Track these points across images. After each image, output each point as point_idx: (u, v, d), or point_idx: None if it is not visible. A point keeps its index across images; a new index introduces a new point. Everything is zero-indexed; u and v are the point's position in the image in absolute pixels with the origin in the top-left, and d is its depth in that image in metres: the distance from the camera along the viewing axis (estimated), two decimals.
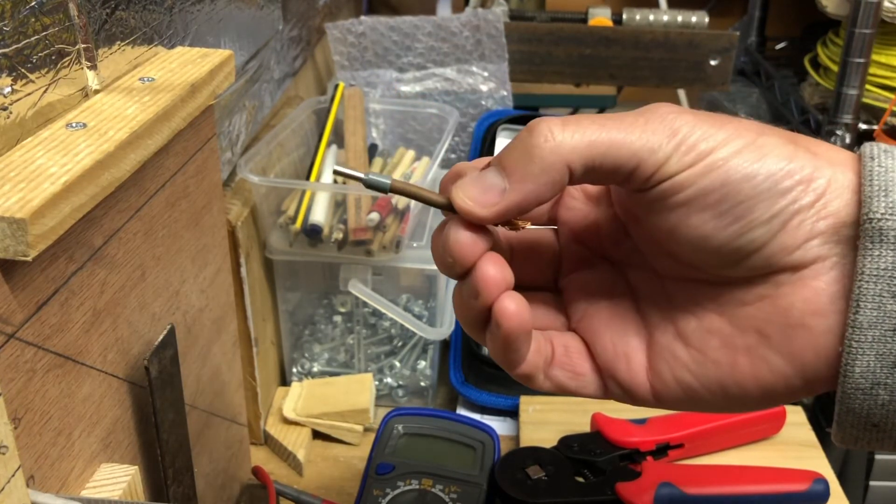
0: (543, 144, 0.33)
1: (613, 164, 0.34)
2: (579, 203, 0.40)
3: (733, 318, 0.36)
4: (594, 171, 0.34)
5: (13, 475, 0.34)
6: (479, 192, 0.34)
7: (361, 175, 0.36)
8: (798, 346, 0.34)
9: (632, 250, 0.39)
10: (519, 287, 0.36)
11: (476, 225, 0.35)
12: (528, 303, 0.35)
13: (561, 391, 0.39)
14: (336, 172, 0.37)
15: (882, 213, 0.31)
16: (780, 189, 0.33)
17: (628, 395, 0.39)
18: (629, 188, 0.35)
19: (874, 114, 1.14)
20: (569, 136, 0.33)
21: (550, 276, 0.42)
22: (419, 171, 0.86)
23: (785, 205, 0.33)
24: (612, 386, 0.39)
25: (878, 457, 1.15)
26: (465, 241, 0.35)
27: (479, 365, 0.83)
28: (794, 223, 0.33)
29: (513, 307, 0.34)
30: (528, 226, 0.37)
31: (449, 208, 0.36)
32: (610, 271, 0.41)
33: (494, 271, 0.34)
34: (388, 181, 0.36)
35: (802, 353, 0.34)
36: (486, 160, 0.36)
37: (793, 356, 0.34)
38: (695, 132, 0.34)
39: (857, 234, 0.32)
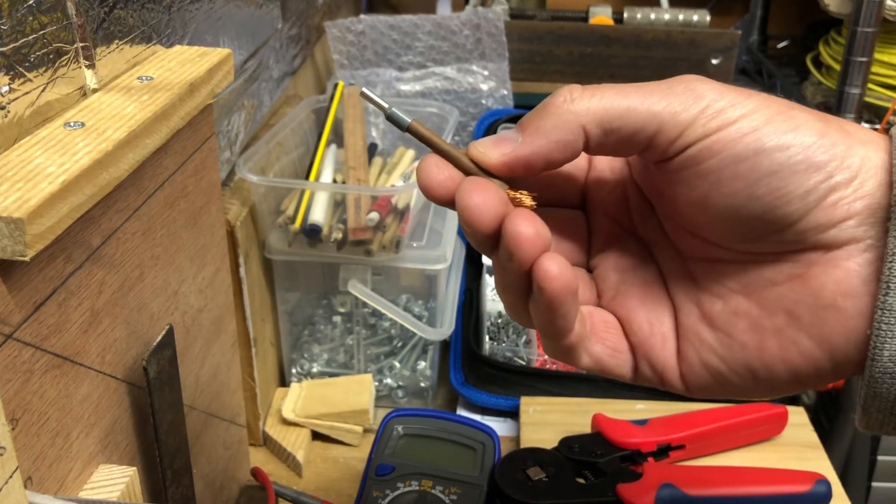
0: (560, 104, 0.34)
1: (633, 128, 0.33)
2: (608, 177, 0.40)
3: (761, 299, 0.35)
4: (612, 135, 0.34)
5: (11, 476, 0.34)
6: (493, 142, 0.35)
7: (385, 105, 0.36)
8: (828, 327, 0.33)
9: (657, 228, 0.39)
10: None
11: (491, 191, 0.34)
12: None
13: (598, 368, 0.38)
14: (363, 94, 0.37)
15: None
16: (816, 163, 0.32)
17: (658, 377, 0.38)
18: (652, 158, 0.35)
19: (876, 113, 1.14)
20: (587, 98, 0.33)
21: (582, 255, 0.41)
22: (414, 168, 0.86)
23: (820, 179, 0.32)
24: (643, 367, 0.38)
25: (880, 458, 1.15)
26: (477, 201, 0.33)
27: (480, 365, 0.83)
28: (831, 200, 0.32)
29: (555, 268, 0.32)
30: (532, 202, 0.35)
31: (465, 165, 0.35)
32: (641, 249, 0.40)
33: (526, 227, 0.32)
34: (409, 120, 0.36)
35: (832, 336, 0.33)
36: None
37: (822, 338, 0.33)
38: (722, 99, 0.33)
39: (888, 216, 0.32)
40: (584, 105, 0.33)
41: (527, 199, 0.35)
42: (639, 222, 0.40)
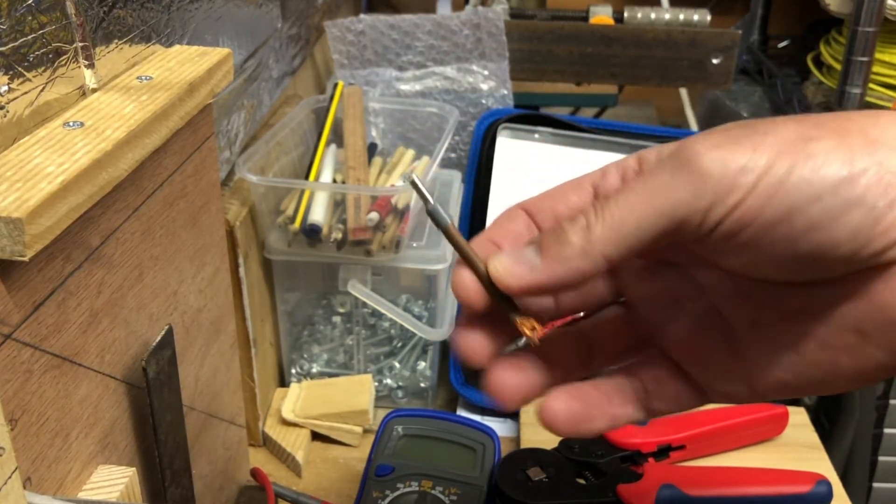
0: (579, 234, 0.33)
1: (653, 236, 0.32)
2: None
3: (826, 319, 0.34)
4: (634, 250, 0.33)
5: (10, 477, 0.34)
6: (512, 261, 0.34)
7: (430, 200, 0.37)
8: None
9: (690, 254, 0.37)
10: (578, 308, 0.37)
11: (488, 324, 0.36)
12: (591, 341, 0.38)
13: (665, 415, 0.39)
14: (413, 184, 0.37)
15: None
16: (852, 200, 0.30)
17: (727, 399, 0.38)
18: (684, 244, 0.34)
19: None
20: (600, 226, 0.32)
21: (611, 292, 0.40)
22: (419, 170, 0.86)
23: (862, 215, 0.30)
24: (711, 394, 0.38)
25: (881, 458, 1.15)
26: (472, 342, 0.36)
27: None
28: (881, 228, 0.30)
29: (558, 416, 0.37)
30: (536, 333, 0.36)
31: (486, 278, 0.35)
32: (676, 276, 0.38)
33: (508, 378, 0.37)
34: (448, 221, 0.37)
35: None
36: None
37: (895, 349, 0.32)
38: (729, 167, 0.31)
39: None
40: (599, 234, 0.32)
41: (528, 331, 0.36)
42: (670, 251, 0.38)
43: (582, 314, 0.40)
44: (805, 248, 0.31)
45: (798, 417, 0.78)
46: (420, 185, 0.37)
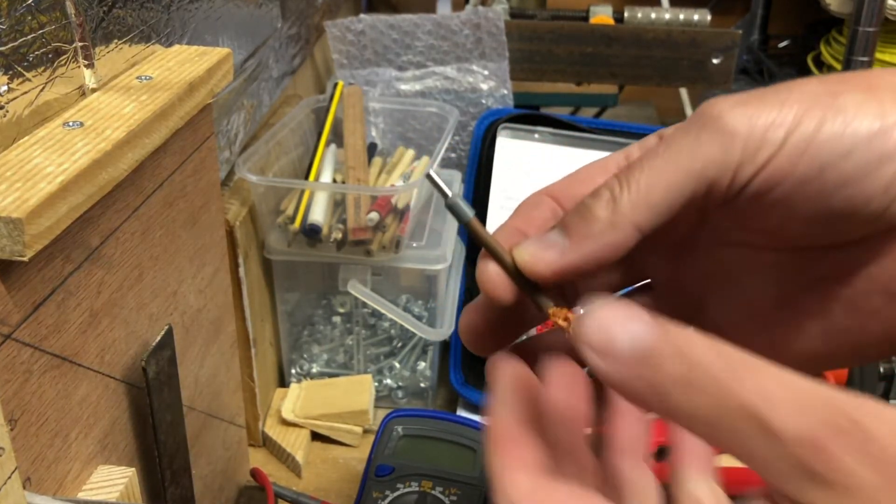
0: (605, 206, 0.31)
1: (683, 198, 0.31)
2: None
3: (853, 283, 0.33)
4: (665, 215, 0.31)
5: (9, 477, 0.34)
6: (539, 247, 0.32)
7: (449, 193, 0.35)
8: None
9: (715, 230, 0.35)
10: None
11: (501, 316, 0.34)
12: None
13: None
14: (429, 177, 0.36)
15: None
16: (885, 153, 0.29)
17: None
18: (715, 205, 0.32)
19: None
20: (626, 194, 0.31)
21: (633, 279, 0.38)
22: (419, 170, 0.86)
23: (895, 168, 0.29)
24: None
25: None
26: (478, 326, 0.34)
27: (480, 365, 0.82)
28: None
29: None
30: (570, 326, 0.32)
31: (513, 269, 0.34)
32: (699, 259, 0.37)
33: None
34: (471, 215, 0.35)
35: None
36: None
37: None
38: (757, 123, 0.30)
39: None
40: (626, 202, 0.31)
41: (562, 321, 0.32)
42: (697, 236, 0.36)
43: None
44: (837, 205, 0.30)
45: None
46: (437, 179, 0.35)
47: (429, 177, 0.36)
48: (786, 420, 0.23)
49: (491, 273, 0.33)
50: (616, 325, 0.27)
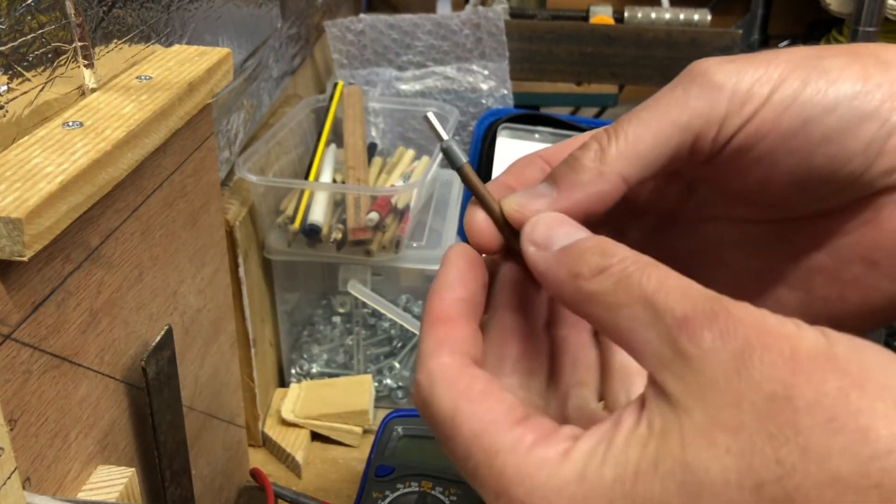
0: (593, 158, 0.32)
1: (669, 151, 0.32)
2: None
3: (834, 251, 0.34)
4: (652, 167, 0.32)
5: (9, 477, 0.34)
6: (528, 197, 0.33)
7: (444, 136, 0.35)
8: None
9: (699, 205, 0.37)
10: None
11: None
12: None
13: None
14: (426, 119, 0.36)
15: None
16: (867, 112, 0.30)
17: None
18: (699, 160, 0.33)
19: None
20: (614, 144, 0.32)
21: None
22: (419, 170, 0.86)
23: (876, 127, 0.30)
24: None
25: None
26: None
27: None
28: (891, 145, 0.31)
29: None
30: None
31: (501, 219, 0.34)
32: (681, 232, 0.38)
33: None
34: (464, 160, 0.35)
35: None
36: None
37: None
38: (743, 79, 0.31)
39: None
40: (614, 153, 0.31)
41: None
42: (673, 204, 0.38)
43: None
44: (818, 163, 0.31)
45: None
46: (434, 122, 0.35)
47: (426, 118, 0.36)
48: (673, 303, 0.25)
49: (479, 220, 0.34)
50: (558, 227, 0.31)
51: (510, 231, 0.34)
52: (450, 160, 0.35)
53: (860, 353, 0.23)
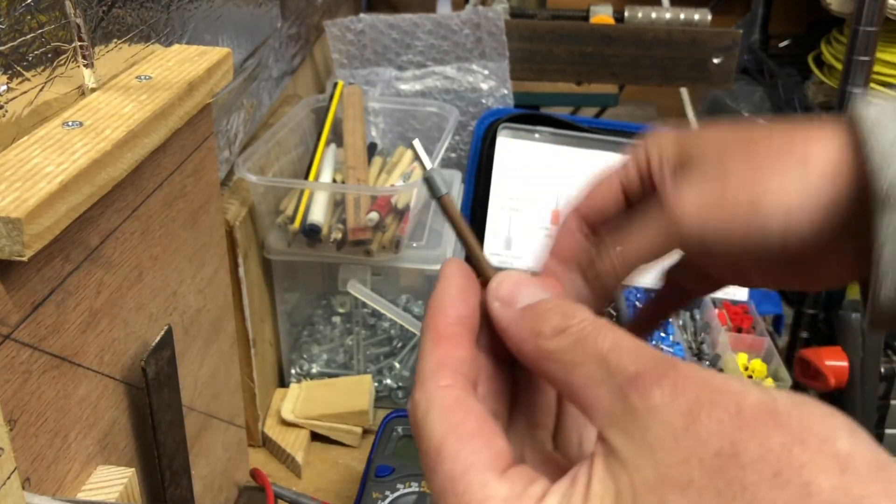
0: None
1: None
2: None
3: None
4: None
5: (9, 477, 0.34)
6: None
7: (428, 165, 0.35)
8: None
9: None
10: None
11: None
12: None
13: None
14: (412, 146, 0.36)
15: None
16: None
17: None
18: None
19: None
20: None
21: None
22: (419, 170, 0.85)
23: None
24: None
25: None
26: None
27: None
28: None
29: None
30: None
31: (475, 253, 0.34)
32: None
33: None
34: (444, 191, 0.34)
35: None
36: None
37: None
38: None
39: None
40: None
41: None
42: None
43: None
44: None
45: None
46: (419, 150, 0.35)
47: (412, 146, 0.36)
48: (626, 362, 0.26)
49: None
50: (522, 286, 0.32)
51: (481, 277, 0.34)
52: (431, 190, 0.35)
53: (801, 408, 0.24)
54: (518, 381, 0.36)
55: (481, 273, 0.34)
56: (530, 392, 0.36)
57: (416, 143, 0.35)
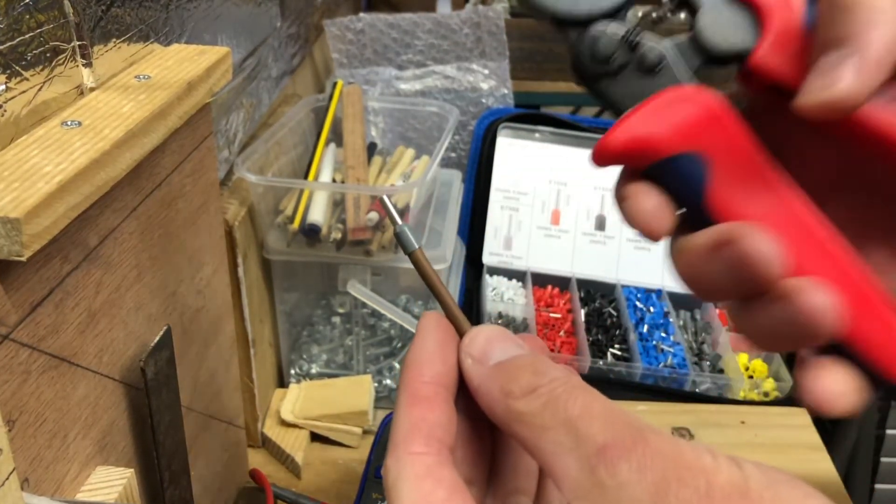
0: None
1: None
2: None
3: None
4: None
5: (7, 478, 0.34)
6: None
7: (399, 222, 0.34)
8: None
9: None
10: None
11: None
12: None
13: None
14: (381, 201, 0.35)
15: None
16: None
17: None
18: None
19: None
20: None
21: None
22: (419, 169, 0.85)
23: None
24: None
25: (883, 459, 1.15)
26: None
27: None
28: None
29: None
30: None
31: (452, 308, 0.34)
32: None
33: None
34: (416, 247, 0.34)
35: None
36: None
37: None
38: None
39: None
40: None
41: None
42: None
43: None
44: None
45: (800, 418, 0.78)
46: (388, 206, 0.35)
47: (381, 201, 0.36)
48: (595, 430, 0.26)
49: (644, 208, 0.34)
50: (496, 342, 0.31)
51: (462, 317, 0.34)
52: (402, 245, 0.34)
53: (773, 487, 0.23)
54: (498, 443, 0.35)
55: (458, 328, 0.33)
56: (511, 454, 0.35)
57: (385, 198, 0.35)
